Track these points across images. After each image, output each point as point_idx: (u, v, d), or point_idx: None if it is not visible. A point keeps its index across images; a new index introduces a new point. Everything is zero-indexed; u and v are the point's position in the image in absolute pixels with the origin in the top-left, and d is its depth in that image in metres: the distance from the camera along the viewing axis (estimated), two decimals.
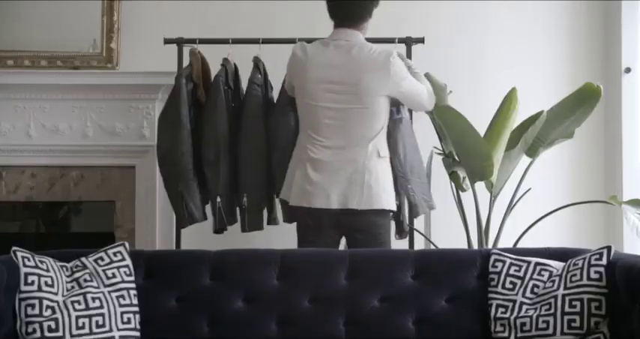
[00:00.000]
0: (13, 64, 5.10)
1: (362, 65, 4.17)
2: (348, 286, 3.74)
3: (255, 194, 4.50)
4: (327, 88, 4.15)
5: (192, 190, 4.48)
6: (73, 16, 5.15)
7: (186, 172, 4.47)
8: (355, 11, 4.21)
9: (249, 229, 4.52)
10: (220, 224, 4.50)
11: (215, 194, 4.47)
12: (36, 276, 3.50)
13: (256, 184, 4.50)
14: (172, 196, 4.52)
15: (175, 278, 3.77)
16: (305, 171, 4.15)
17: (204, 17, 5.13)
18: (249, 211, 4.48)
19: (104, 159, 5.10)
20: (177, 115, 4.49)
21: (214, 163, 4.47)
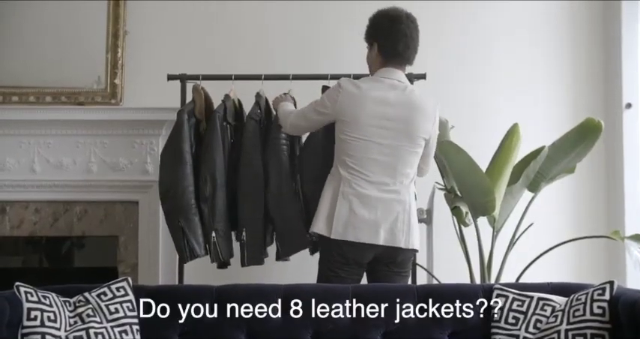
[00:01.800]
0: (18, 100, 5.13)
1: (416, 106, 4.20)
2: (351, 321, 3.74)
3: (253, 228, 4.50)
4: (381, 124, 4.14)
5: (193, 226, 4.47)
6: (77, 52, 5.19)
7: (187, 207, 4.47)
8: (412, 53, 4.25)
9: (248, 264, 4.52)
10: (216, 259, 4.50)
11: (211, 229, 4.48)
12: (39, 311, 3.50)
13: (254, 218, 4.50)
14: (174, 231, 4.52)
15: (178, 313, 3.77)
16: (351, 205, 4.11)
17: (207, 53, 5.17)
18: (248, 245, 4.48)
19: (107, 194, 5.10)
20: (178, 151, 4.51)
21: (210, 199, 4.48)
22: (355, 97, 4.13)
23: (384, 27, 4.20)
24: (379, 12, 4.27)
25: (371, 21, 4.27)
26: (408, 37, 4.20)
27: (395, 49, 4.18)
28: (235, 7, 5.28)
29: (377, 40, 4.21)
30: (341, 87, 4.16)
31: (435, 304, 3.75)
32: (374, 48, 4.22)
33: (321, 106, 4.19)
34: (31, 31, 5.18)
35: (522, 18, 5.36)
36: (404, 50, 4.20)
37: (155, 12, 5.27)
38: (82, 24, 5.22)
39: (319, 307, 3.76)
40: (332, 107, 4.15)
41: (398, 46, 4.18)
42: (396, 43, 4.18)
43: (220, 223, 4.49)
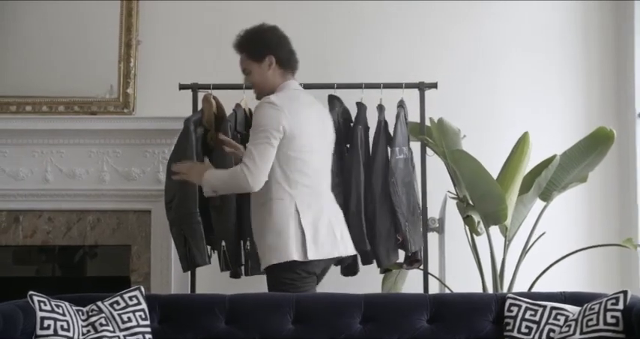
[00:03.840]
0: (31, 110, 5.15)
1: (324, 110, 4.33)
2: (364, 331, 3.74)
3: None
4: (318, 133, 4.17)
5: (196, 235, 4.46)
6: (90, 62, 5.20)
7: (191, 216, 4.45)
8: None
9: (251, 273, 4.53)
10: (224, 268, 4.52)
11: (220, 238, 4.49)
12: (52, 320, 3.51)
13: None
14: (176, 239, 4.51)
15: (190, 323, 3.78)
16: (314, 222, 4.03)
17: (219, 63, 5.17)
18: (252, 255, 4.48)
19: (120, 203, 5.11)
20: (184, 160, 4.49)
21: (220, 208, 4.48)
22: (293, 112, 4.03)
23: (274, 40, 4.17)
24: (257, 29, 4.22)
25: (257, 38, 4.18)
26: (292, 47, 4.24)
27: (292, 59, 4.20)
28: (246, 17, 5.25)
29: (272, 52, 4.14)
30: (277, 107, 3.99)
31: (447, 314, 3.74)
32: (269, 62, 4.13)
33: (273, 137, 3.95)
34: (45, 41, 5.21)
35: (533, 26, 5.36)
36: (295, 60, 4.23)
37: (167, 22, 5.29)
38: (95, 34, 5.24)
39: (331, 317, 3.76)
40: (282, 131, 3.97)
41: (292, 56, 4.21)
42: (290, 54, 4.21)
43: (229, 232, 4.49)
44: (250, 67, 4.14)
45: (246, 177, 3.92)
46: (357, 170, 4.54)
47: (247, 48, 4.15)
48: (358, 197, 4.52)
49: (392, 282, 4.78)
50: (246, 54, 4.15)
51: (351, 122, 4.68)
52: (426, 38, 5.29)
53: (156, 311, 3.81)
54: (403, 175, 4.57)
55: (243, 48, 4.16)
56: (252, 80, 4.15)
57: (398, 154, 4.53)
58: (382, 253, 4.53)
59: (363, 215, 4.51)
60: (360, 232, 4.49)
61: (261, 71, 4.12)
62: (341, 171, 4.57)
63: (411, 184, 4.62)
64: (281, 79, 4.14)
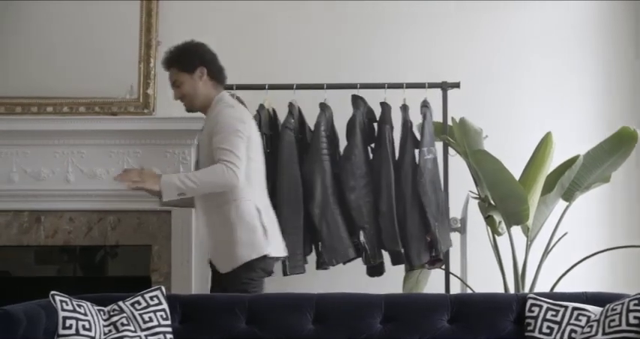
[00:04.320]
0: (52, 111, 5.17)
1: None
2: (384, 331, 3.73)
3: (295, 238, 4.51)
4: (259, 139, 4.29)
5: None
6: (110, 63, 5.22)
7: None
8: None
9: (290, 273, 4.53)
10: None
11: None
12: (74, 320, 3.52)
13: (294, 228, 4.51)
14: None
15: (211, 323, 3.78)
16: (262, 222, 4.10)
17: (240, 63, 5.17)
18: (290, 255, 4.48)
19: (141, 203, 5.11)
20: None
21: None
22: (247, 117, 4.18)
23: (205, 53, 4.26)
24: (188, 43, 4.29)
25: (188, 50, 4.26)
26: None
27: (223, 73, 4.29)
28: (267, 18, 5.29)
29: (204, 64, 4.21)
30: (233, 106, 4.14)
31: (468, 314, 3.73)
32: (200, 73, 4.20)
33: (243, 135, 4.05)
34: (65, 42, 5.23)
35: (555, 27, 5.34)
36: (225, 75, 4.33)
37: (187, 22, 5.29)
38: (115, 35, 5.25)
39: (352, 317, 3.75)
40: (248, 131, 4.09)
41: (223, 70, 4.30)
42: (221, 68, 4.29)
43: None
44: (182, 78, 4.20)
45: (235, 173, 3.95)
46: (386, 170, 4.53)
47: (178, 60, 4.22)
48: (389, 197, 4.51)
49: (413, 282, 4.77)
50: (177, 67, 4.21)
51: (375, 122, 4.67)
52: (448, 38, 5.28)
53: (177, 311, 3.81)
54: (432, 175, 4.56)
55: (173, 61, 4.23)
56: (183, 92, 4.20)
57: (427, 154, 4.52)
58: (414, 253, 4.53)
59: (394, 215, 4.50)
60: (393, 233, 4.49)
61: (193, 82, 4.18)
62: (370, 171, 4.56)
63: (439, 183, 4.61)
64: (214, 90, 4.22)
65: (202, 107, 4.20)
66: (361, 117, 4.63)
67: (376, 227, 4.56)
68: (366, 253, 4.57)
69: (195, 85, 4.16)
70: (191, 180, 3.97)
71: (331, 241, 4.51)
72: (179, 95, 4.21)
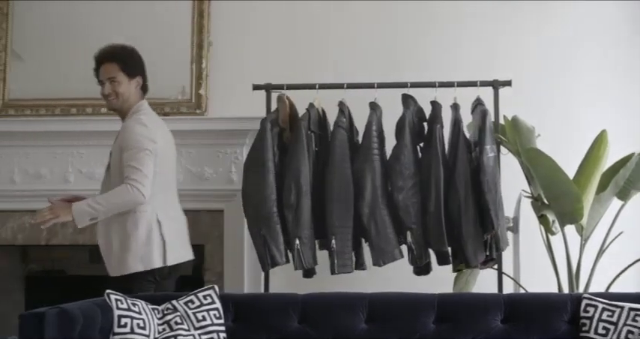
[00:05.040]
0: (106, 112, 5.19)
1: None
2: (437, 330, 3.72)
3: (344, 237, 4.51)
4: (172, 151, 4.41)
5: (275, 234, 4.50)
6: (163, 64, 5.24)
7: (269, 215, 4.50)
8: None
9: (339, 272, 4.52)
10: (299, 267, 4.52)
11: (295, 237, 4.50)
12: (129, 318, 3.56)
13: (344, 227, 4.51)
14: (255, 239, 4.55)
15: (264, 322, 3.80)
16: (170, 231, 4.22)
17: (291, 63, 5.19)
18: (338, 253, 4.48)
19: (193, 203, 5.13)
20: (261, 159, 4.54)
21: (294, 206, 4.50)
22: (159, 132, 4.25)
23: (143, 64, 4.36)
24: (131, 48, 4.37)
25: (133, 56, 4.34)
26: None
27: (147, 85, 4.37)
28: (319, 17, 5.30)
29: (142, 74, 4.31)
30: (149, 127, 4.19)
31: (521, 314, 3.70)
32: (137, 81, 4.29)
33: (151, 153, 4.14)
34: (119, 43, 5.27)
35: (610, 23, 5.27)
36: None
37: (239, 22, 5.32)
38: (167, 36, 5.30)
39: (405, 317, 3.75)
40: (155, 146, 4.17)
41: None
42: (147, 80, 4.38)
43: (304, 230, 4.50)
44: (120, 78, 4.26)
45: (141, 191, 4.06)
46: (436, 170, 4.51)
47: (123, 61, 4.28)
48: (437, 197, 4.49)
49: (464, 281, 4.74)
50: (119, 66, 4.26)
51: (425, 121, 4.65)
52: (499, 36, 5.24)
53: (230, 310, 3.84)
54: (493, 174, 4.52)
55: (117, 59, 4.28)
56: (117, 90, 4.25)
57: (489, 152, 4.48)
58: (470, 253, 4.49)
59: (442, 215, 4.48)
60: (440, 233, 4.46)
61: (129, 87, 4.26)
62: (418, 171, 4.55)
63: (499, 182, 4.57)
64: (139, 99, 4.30)
65: (124, 111, 4.28)
66: (411, 116, 4.62)
67: (423, 227, 4.54)
68: (412, 254, 4.55)
69: (130, 90, 4.26)
70: (100, 204, 4.09)
71: (379, 242, 4.50)
72: (111, 91, 4.26)
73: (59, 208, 4.13)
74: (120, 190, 4.08)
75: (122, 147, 4.15)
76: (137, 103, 4.27)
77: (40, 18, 5.36)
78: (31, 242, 5.28)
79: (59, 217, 4.13)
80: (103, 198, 4.13)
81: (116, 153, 4.21)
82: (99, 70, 4.29)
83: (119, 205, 4.10)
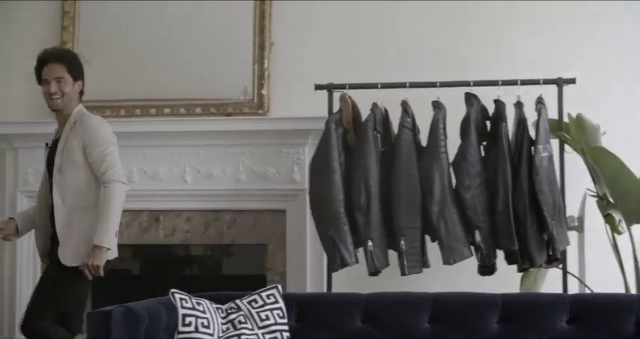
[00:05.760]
0: (169, 113, 5.27)
1: None
2: (501, 330, 3.70)
3: (412, 237, 4.50)
4: None
5: (343, 234, 4.50)
6: (225, 65, 5.29)
7: (337, 216, 4.50)
8: None
9: (408, 273, 4.51)
10: (372, 268, 4.51)
11: (367, 238, 4.49)
12: (193, 317, 3.59)
13: (413, 227, 4.50)
14: (324, 240, 4.56)
15: (327, 321, 3.81)
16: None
17: (353, 63, 5.19)
18: (407, 254, 4.47)
19: (256, 203, 5.18)
20: (327, 160, 4.55)
21: (364, 208, 4.50)
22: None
23: (83, 70, 4.30)
24: (78, 55, 4.35)
25: (78, 61, 4.29)
26: None
27: (84, 91, 4.32)
28: (380, 16, 5.29)
29: (82, 79, 4.26)
30: (104, 123, 4.21)
31: (587, 315, 3.66)
32: (79, 86, 4.24)
33: (114, 145, 4.16)
34: (181, 46, 5.32)
35: None
36: None
37: (300, 23, 5.33)
38: (229, 37, 5.32)
39: (468, 317, 3.73)
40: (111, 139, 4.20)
41: None
42: None
43: (376, 231, 4.50)
44: (66, 79, 4.22)
45: (125, 183, 4.08)
46: (503, 169, 4.47)
47: (70, 63, 4.24)
48: (506, 196, 4.45)
49: (531, 281, 4.70)
50: (66, 67, 4.22)
51: (488, 120, 4.62)
52: (563, 34, 5.17)
53: (293, 310, 3.85)
54: (548, 173, 4.48)
55: (64, 60, 4.24)
56: (63, 90, 4.19)
57: (542, 151, 4.45)
58: (535, 252, 4.45)
59: (510, 214, 4.45)
60: (509, 232, 4.43)
61: (73, 90, 4.23)
62: (484, 170, 4.52)
63: (555, 181, 4.53)
64: (79, 103, 4.26)
65: (65, 113, 4.22)
66: (475, 115, 4.59)
67: (491, 226, 4.51)
68: (481, 253, 4.53)
69: (73, 92, 4.24)
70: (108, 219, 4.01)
71: (449, 240, 4.48)
72: (57, 90, 4.19)
73: (96, 253, 3.98)
74: (111, 192, 4.03)
75: (88, 144, 4.10)
76: (79, 106, 4.25)
77: (105, 21, 5.42)
78: None
79: (101, 262, 3.99)
80: (106, 210, 4.03)
81: (71, 147, 4.11)
82: (42, 69, 4.22)
83: (120, 205, 4.07)
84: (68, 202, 4.08)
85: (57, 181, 4.11)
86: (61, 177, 4.11)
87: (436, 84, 4.66)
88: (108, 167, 4.06)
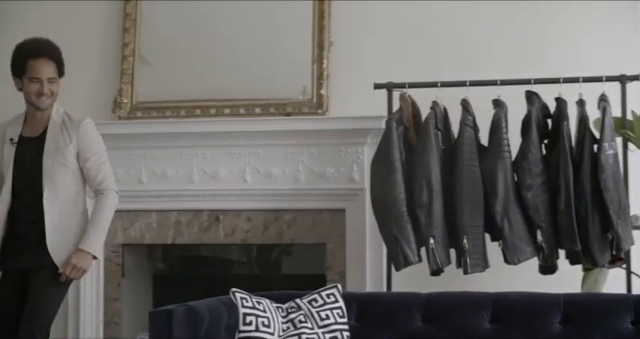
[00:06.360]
0: (229, 113, 5.30)
1: None
2: (563, 331, 3.66)
3: (475, 236, 4.47)
4: None
5: (406, 233, 4.49)
6: (284, 65, 5.30)
7: (400, 215, 4.49)
8: None
9: (471, 271, 4.48)
10: (434, 266, 4.49)
11: (428, 236, 4.47)
12: (254, 316, 3.61)
13: (475, 226, 4.47)
14: (387, 239, 4.55)
15: (387, 321, 3.80)
16: None
17: (412, 61, 5.16)
18: (470, 252, 4.44)
19: (315, 202, 5.18)
20: (388, 159, 4.54)
21: (427, 206, 4.48)
22: None
23: None
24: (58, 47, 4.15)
25: (61, 54, 4.11)
26: None
27: None
28: (438, 15, 5.26)
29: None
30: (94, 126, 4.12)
31: None
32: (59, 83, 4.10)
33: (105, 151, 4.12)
34: (240, 46, 5.35)
35: None
36: None
37: (359, 22, 5.32)
38: (288, 37, 5.34)
39: (530, 317, 3.70)
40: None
41: None
42: None
43: (437, 229, 4.48)
44: (57, 79, 4.09)
45: (117, 197, 4.07)
46: (565, 168, 4.43)
47: (59, 62, 4.09)
48: (568, 195, 4.41)
49: (592, 281, 4.63)
50: (57, 66, 4.08)
51: (549, 118, 4.58)
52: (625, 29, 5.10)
53: (352, 309, 3.85)
54: (613, 171, 4.42)
55: (55, 59, 4.08)
56: (53, 90, 4.05)
57: (607, 149, 4.39)
58: (597, 252, 4.40)
59: (573, 213, 4.40)
60: (572, 231, 4.38)
61: (59, 88, 4.11)
62: (546, 169, 4.48)
63: (620, 180, 4.47)
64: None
65: (46, 112, 4.07)
66: (536, 113, 4.55)
67: (554, 226, 4.47)
68: (543, 253, 4.49)
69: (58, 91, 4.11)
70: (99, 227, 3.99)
71: (513, 239, 4.44)
72: (50, 91, 4.03)
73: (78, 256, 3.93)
74: (107, 202, 4.02)
75: (84, 149, 4.02)
76: (56, 104, 4.10)
77: (165, 22, 5.47)
78: (157, 241, 5.40)
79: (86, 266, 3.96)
80: (100, 219, 4.00)
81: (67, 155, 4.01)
82: (28, 63, 4.00)
83: (112, 215, 4.07)
84: (57, 208, 3.96)
85: (47, 185, 3.95)
86: (50, 181, 3.97)
87: (497, 82, 4.63)
88: (105, 176, 4.05)
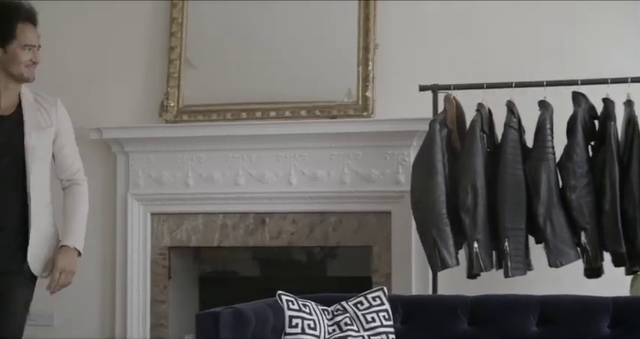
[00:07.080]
0: (275, 116, 5.31)
1: None
2: (612, 335, 3.63)
3: (517, 239, 4.45)
4: None
5: (445, 236, 4.47)
6: (329, 67, 5.30)
7: (439, 217, 4.47)
8: None
9: (512, 275, 4.45)
10: (477, 269, 4.46)
11: (472, 239, 4.45)
12: (300, 319, 3.62)
13: (518, 228, 4.44)
14: (425, 241, 4.54)
15: (433, 324, 3.80)
16: None
17: (457, 63, 5.15)
18: (512, 256, 4.42)
19: (360, 205, 5.18)
20: (431, 161, 4.53)
21: (472, 209, 4.46)
22: None
23: None
24: None
25: None
26: None
27: None
28: (483, 17, 5.23)
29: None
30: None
31: None
32: None
33: None
34: (285, 48, 5.36)
35: None
36: None
37: (404, 24, 5.31)
38: (333, 39, 5.34)
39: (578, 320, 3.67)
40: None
41: None
42: None
43: (481, 233, 4.46)
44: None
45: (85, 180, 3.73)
46: (611, 168, 4.39)
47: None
48: (613, 196, 4.36)
49: None
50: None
51: (596, 119, 4.54)
52: None
53: (398, 312, 3.85)
54: None
55: (36, 24, 3.57)
56: (39, 59, 3.56)
57: None
58: None
59: (618, 215, 4.36)
60: (616, 233, 4.34)
61: None
62: (591, 170, 4.44)
63: None
64: None
65: (17, 87, 3.57)
66: (582, 114, 4.51)
67: (598, 228, 4.42)
68: (587, 255, 4.45)
69: None
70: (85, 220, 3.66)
71: (556, 242, 4.41)
72: (35, 60, 3.54)
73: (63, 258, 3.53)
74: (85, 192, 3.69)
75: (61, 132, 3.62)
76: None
77: (211, 25, 5.50)
78: (204, 244, 5.43)
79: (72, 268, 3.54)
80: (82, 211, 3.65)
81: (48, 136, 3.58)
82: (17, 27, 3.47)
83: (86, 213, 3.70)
84: (36, 197, 3.53)
85: (33, 171, 3.51)
86: (34, 166, 3.52)
87: (543, 83, 4.60)
88: (80, 164, 3.70)
